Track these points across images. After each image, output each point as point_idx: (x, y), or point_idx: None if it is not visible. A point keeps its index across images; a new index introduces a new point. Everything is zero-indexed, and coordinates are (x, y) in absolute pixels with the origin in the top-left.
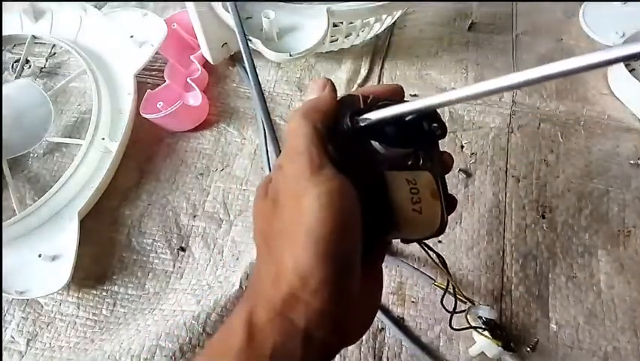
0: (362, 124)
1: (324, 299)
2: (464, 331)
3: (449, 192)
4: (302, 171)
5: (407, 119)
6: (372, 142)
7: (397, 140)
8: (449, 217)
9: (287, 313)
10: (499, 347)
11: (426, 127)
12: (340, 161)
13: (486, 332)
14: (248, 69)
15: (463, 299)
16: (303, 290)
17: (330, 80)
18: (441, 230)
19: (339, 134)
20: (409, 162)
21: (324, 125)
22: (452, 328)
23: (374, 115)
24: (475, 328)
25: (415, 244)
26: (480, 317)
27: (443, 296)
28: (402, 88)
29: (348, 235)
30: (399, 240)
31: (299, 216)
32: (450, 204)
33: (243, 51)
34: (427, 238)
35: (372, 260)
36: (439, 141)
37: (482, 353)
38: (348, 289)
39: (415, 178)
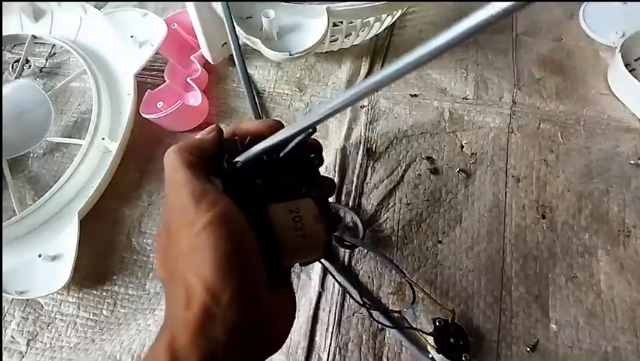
0: (238, 166)
1: (238, 311)
2: (465, 329)
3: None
4: (187, 203)
5: (283, 153)
6: (256, 180)
7: (276, 174)
8: (449, 218)
9: (205, 332)
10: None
11: (304, 158)
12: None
13: (430, 338)
14: (239, 70)
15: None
16: (217, 306)
17: (219, 126)
18: (327, 249)
19: (222, 177)
20: (292, 192)
21: (201, 159)
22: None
23: (245, 155)
24: (417, 330)
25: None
26: (434, 319)
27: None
28: (280, 124)
29: (246, 249)
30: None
31: (195, 241)
32: (334, 222)
33: (234, 52)
34: (317, 259)
35: (280, 279)
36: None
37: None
38: (257, 299)
39: (298, 207)
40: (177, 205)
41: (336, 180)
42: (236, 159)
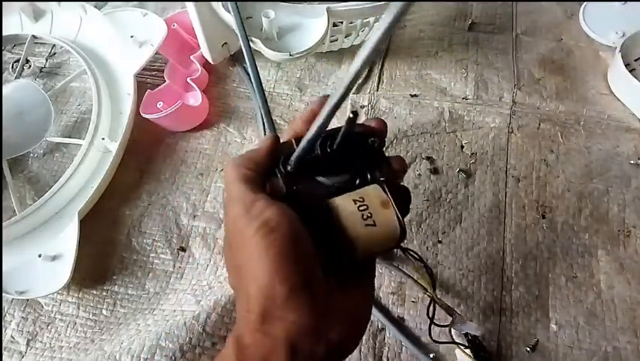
0: (290, 167)
1: (296, 310)
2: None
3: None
4: (239, 213)
5: (337, 143)
6: (317, 177)
7: (336, 167)
8: (449, 218)
9: (267, 329)
10: None
11: (362, 143)
12: (289, 202)
13: (468, 351)
14: (249, 69)
15: (451, 310)
16: (273, 307)
17: (274, 134)
18: (403, 234)
19: (283, 180)
20: (357, 182)
21: (255, 171)
22: (432, 340)
23: (295, 154)
24: (457, 344)
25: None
26: (465, 334)
27: (429, 306)
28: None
29: (296, 251)
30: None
31: (248, 250)
32: (404, 200)
33: (244, 51)
34: (394, 246)
35: (358, 277)
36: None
37: None
38: (315, 298)
39: (362, 195)
40: (231, 217)
41: None
42: (290, 160)
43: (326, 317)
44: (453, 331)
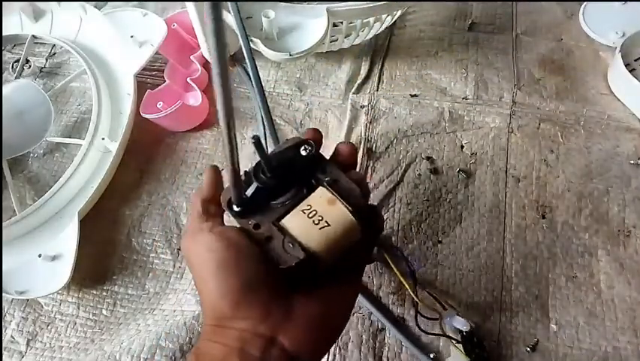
0: (236, 208)
1: (243, 319)
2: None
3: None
4: (188, 240)
5: (275, 164)
6: (270, 203)
7: (282, 187)
8: (449, 218)
9: (219, 339)
10: None
11: (301, 153)
12: (247, 229)
13: (460, 346)
14: (249, 69)
15: (432, 307)
16: (222, 318)
17: (214, 167)
18: (364, 223)
19: (236, 220)
20: (305, 191)
21: (203, 204)
22: (420, 329)
23: (233, 197)
24: (448, 337)
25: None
26: (460, 330)
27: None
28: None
29: (236, 268)
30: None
31: (195, 271)
32: (351, 190)
33: (244, 51)
34: (365, 239)
35: (324, 281)
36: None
37: None
38: (264, 306)
39: (310, 202)
40: (183, 244)
41: None
42: (232, 200)
43: (279, 323)
44: (445, 324)
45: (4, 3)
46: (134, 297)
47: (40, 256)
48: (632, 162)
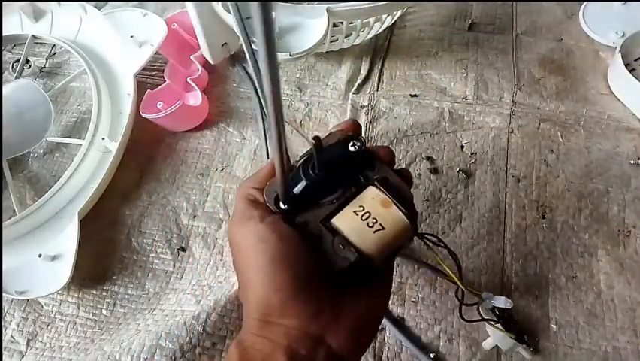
0: (283, 206)
1: (292, 317)
2: (464, 331)
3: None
4: (237, 227)
5: (318, 165)
6: (319, 201)
7: (330, 184)
8: (449, 218)
9: (266, 334)
10: (513, 340)
11: (349, 149)
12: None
13: (499, 325)
14: (250, 69)
15: (475, 291)
16: (271, 314)
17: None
18: (414, 224)
19: (283, 218)
20: (354, 189)
21: (258, 189)
22: (463, 319)
23: (281, 195)
24: (487, 320)
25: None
26: (493, 309)
27: (456, 291)
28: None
29: (288, 262)
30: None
31: (244, 261)
32: (401, 189)
33: (245, 51)
34: (410, 237)
35: (370, 280)
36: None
37: (495, 346)
38: (314, 305)
39: (361, 203)
40: (231, 230)
41: None
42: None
43: (328, 323)
44: (482, 309)
45: (4, 3)
46: (134, 297)
47: (40, 256)
48: (632, 162)
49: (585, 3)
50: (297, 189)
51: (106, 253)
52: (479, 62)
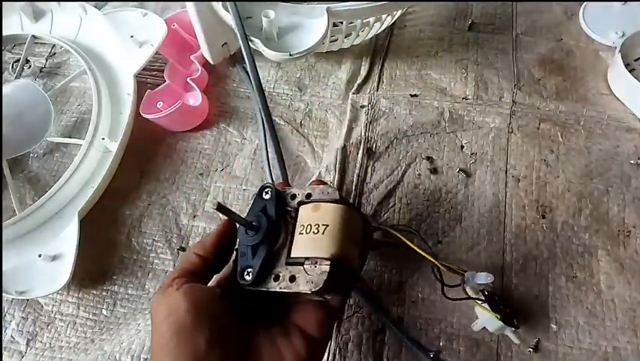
0: (247, 279)
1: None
2: (464, 331)
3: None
4: (155, 296)
5: (253, 220)
6: (273, 252)
7: (273, 234)
8: (449, 218)
9: None
10: (500, 321)
11: (265, 198)
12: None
13: (485, 305)
14: (249, 69)
15: (454, 268)
16: None
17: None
18: (348, 203)
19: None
20: (292, 222)
21: (198, 257)
22: (447, 297)
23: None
24: (472, 298)
25: None
26: (483, 291)
27: (432, 271)
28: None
29: (189, 336)
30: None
31: (153, 332)
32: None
33: (244, 51)
34: (362, 219)
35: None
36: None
37: (484, 328)
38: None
39: (301, 223)
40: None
41: (336, 179)
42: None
43: None
44: (468, 289)
45: (4, 3)
46: (134, 297)
47: (40, 256)
48: (632, 162)
49: (585, 3)
50: (255, 264)
51: (106, 253)
52: (479, 62)
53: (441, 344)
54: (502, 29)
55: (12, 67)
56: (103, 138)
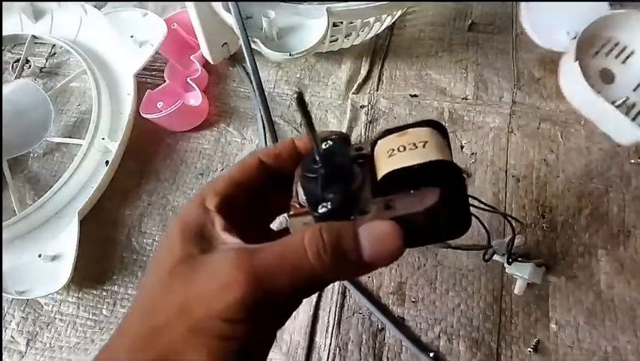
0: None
1: None
2: (464, 331)
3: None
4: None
5: (322, 159)
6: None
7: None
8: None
9: None
10: (542, 267)
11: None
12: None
13: (520, 260)
14: (249, 69)
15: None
16: None
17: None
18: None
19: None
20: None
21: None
22: (486, 260)
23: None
24: (512, 260)
25: None
26: (510, 252)
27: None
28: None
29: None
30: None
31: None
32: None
33: (244, 51)
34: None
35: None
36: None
37: (525, 290)
38: None
39: (384, 150)
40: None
41: None
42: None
43: None
44: (497, 256)
45: (4, 3)
46: (134, 297)
47: (40, 256)
48: (632, 161)
49: (525, 3)
50: (333, 200)
51: (106, 253)
52: (479, 62)
53: (441, 343)
54: (502, 29)
55: (12, 67)
56: (103, 138)
